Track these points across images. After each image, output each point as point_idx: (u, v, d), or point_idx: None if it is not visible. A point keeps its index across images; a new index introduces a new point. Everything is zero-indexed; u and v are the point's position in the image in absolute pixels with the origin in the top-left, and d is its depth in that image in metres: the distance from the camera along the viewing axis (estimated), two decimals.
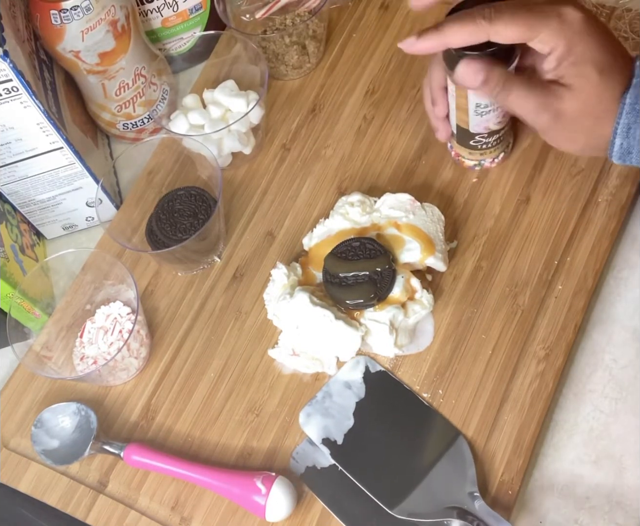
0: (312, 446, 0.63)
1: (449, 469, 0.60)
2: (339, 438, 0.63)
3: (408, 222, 0.68)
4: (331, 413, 0.64)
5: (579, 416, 0.63)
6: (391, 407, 0.64)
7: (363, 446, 0.62)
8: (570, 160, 0.72)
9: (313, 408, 0.65)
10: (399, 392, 0.65)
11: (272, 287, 0.70)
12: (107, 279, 0.72)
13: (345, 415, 0.64)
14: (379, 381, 0.65)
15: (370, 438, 0.63)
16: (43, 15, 0.71)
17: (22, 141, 0.70)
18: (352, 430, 0.63)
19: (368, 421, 0.63)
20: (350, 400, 0.64)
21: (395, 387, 0.65)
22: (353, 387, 0.65)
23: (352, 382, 0.65)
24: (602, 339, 0.65)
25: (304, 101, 0.82)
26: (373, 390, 0.65)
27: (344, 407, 0.64)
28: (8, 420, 0.70)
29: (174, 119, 0.78)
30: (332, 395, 0.65)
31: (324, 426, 0.63)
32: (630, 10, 0.76)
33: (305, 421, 0.64)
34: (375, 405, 0.64)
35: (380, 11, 0.85)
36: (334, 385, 0.66)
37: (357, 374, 0.66)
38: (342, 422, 0.63)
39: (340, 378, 0.66)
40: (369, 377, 0.65)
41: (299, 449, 0.64)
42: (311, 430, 0.64)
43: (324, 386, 0.66)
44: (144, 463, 0.64)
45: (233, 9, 0.83)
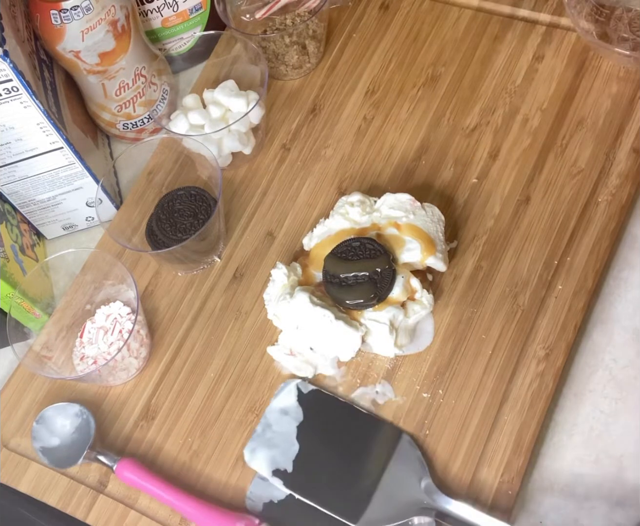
0: (264, 481, 0.62)
1: (400, 469, 0.60)
2: (288, 466, 0.62)
3: (408, 222, 0.68)
4: (275, 443, 0.63)
5: (579, 416, 0.63)
6: (332, 423, 0.64)
7: (314, 469, 0.62)
8: (570, 160, 0.72)
9: (256, 443, 0.64)
10: (335, 405, 0.65)
11: (272, 287, 0.70)
12: (107, 279, 0.72)
13: (289, 442, 0.63)
14: (314, 400, 0.65)
15: (319, 459, 0.62)
16: (43, 15, 0.71)
17: (22, 141, 0.70)
18: (300, 455, 0.62)
19: (312, 442, 0.63)
20: (290, 426, 0.64)
21: (331, 402, 0.65)
22: (290, 412, 0.64)
23: (288, 408, 0.65)
24: (602, 339, 0.65)
25: (304, 101, 0.82)
26: (310, 410, 0.64)
27: (286, 434, 0.63)
28: (8, 420, 0.70)
29: (174, 119, 0.78)
30: (272, 425, 0.64)
31: (270, 458, 0.63)
32: (630, 10, 0.76)
33: (250, 458, 0.63)
34: (315, 424, 0.64)
35: (380, 11, 0.85)
36: (271, 414, 0.65)
37: (291, 398, 0.65)
38: (288, 449, 0.63)
39: (275, 406, 0.65)
40: (303, 398, 0.65)
41: (252, 488, 0.63)
42: (259, 464, 0.63)
43: (261, 418, 0.65)
44: (135, 482, 0.64)
45: (233, 9, 0.83)
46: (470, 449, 0.62)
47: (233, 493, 0.64)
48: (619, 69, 0.76)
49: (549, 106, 0.75)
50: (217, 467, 0.65)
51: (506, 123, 0.76)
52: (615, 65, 0.76)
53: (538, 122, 0.75)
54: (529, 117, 0.75)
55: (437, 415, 0.63)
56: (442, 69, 0.80)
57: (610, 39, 0.75)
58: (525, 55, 0.79)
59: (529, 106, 0.76)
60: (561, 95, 0.76)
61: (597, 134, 0.73)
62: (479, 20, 0.82)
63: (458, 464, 0.61)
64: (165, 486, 0.63)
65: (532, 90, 0.77)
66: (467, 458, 0.61)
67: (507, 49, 0.80)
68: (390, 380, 0.66)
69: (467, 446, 0.62)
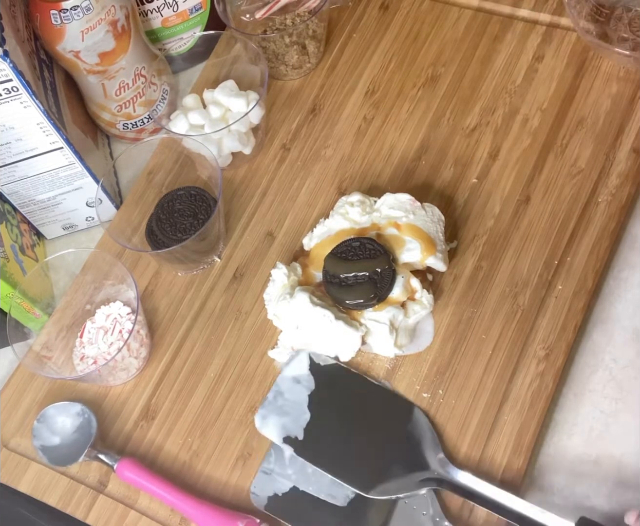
0: (267, 475, 0.62)
1: (412, 441, 0.61)
2: (299, 434, 0.62)
3: (408, 222, 0.68)
4: (286, 411, 0.64)
5: (579, 416, 0.63)
6: (344, 393, 0.64)
7: (325, 437, 0.62)
8: (570, 160, 0.72)
9: (267, 410, 0.64)
10: (348, 376, 0.65)
11: (272, 287, 0.70)
12: (107, 279, 0.72)
13: (300, 410, 0.63)
14: (326, 370, 0.65)
15: (330, 427, 0.63)
16: (43, 15, 0.71)
17: (22, 141, 0.70)
18: (311, 423, 0.63)
19: (324, 411, 0.63)
20: (302, 394, 0.64)
21: (343, 372, 0.65)
22: (302, 381, 0.65)
23: (300, 376, 0.65)
24: (602, 339, 0.65)
25: (304, 101, 0.82)
26: (322, 379, 0.65)
27: (298, 402, 0.64)
28: (8, 420, 0.70)
29: (174, 119, 0.78)
30: (284, 393, 0.65)
31: (281, 425, 0.63)
32: (630, 10, 0.76)
33: (261, 424, 0.64)
34: (327, 394, 0.64)
35: (380, 11, 0.85)
36: (283, 382, 0.65)
37: (304, 367, 0.65)
38: (299, 417, 0.63)
39: (287, 374, 0.66)
40: (315, 368, 0.65)
41: (256, 482, 0.63)
42: (270, 431, 0.63)
43: (273, 385, 0.65)
44: (135, 481, 0.64)
45: (233, 9, 0.83)
46: (470, 449, 0.62)
47: (233, 492, 0.64)
48: (619, 69, 0.76)
49: (549, 106, 0.75)
50: (217, 467, 0.65)
51: (506, 123, 0.76)
52: (615, 65, 0.76)
53: (538, 122, 0.75)
54: (529, 117, 0.75)
55: (437, 415, 0.63)
56: (442, 69, 0.80)
57: (610, 39, 0.75)
58: (525, 55, 0.79)
59: (529, 106, 0.76)
60: (561, 95, 0.76)
61: (597, 134, 0.73)
62: (479, 20, 0.82)
63: (458, 464, 0.61)
64: (165, 485, 0.63)
65: (532, 90, 0.77)
66: (468, 458, 0.61)
67: (507, 49, 0.80)
68: (390, 380, 0.66)
69: (467, 446, 0.62)
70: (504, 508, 0.57)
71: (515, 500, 0.57)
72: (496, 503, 0.57)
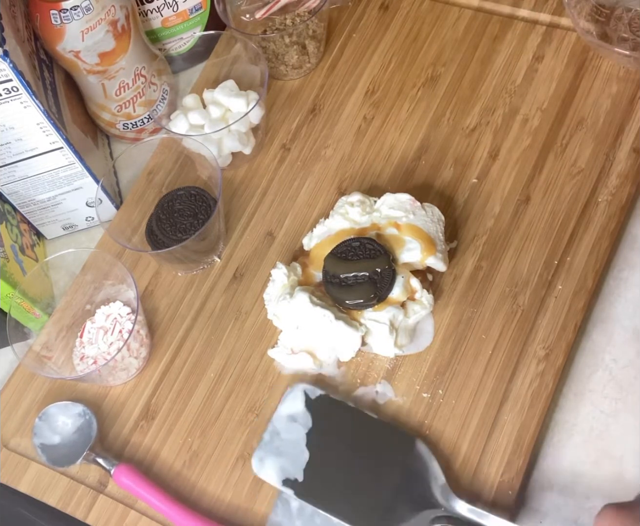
0: (283, 508, 0.60)
1: (416, 475, 0.58)
2: (299, 475, 0.60)
3: (408, 222, 0.68)
4: (284, 452, 0.61)
5: (579, 416, 0.63)
6: (342, 428, 0.62)
7: (325, 477, 0.60)
8: (570, 160, 0.72)
9: (264, 451, 0.62)
10: (344, 411, 0.62)
11: (272, 287, 0.70)
12: (107, 279, 0.72)
13: (298, 450, 0.61)
14: (322, 405, 0.63)
15: (330, 466, 0.60)
16: (43, 15, 0.71)
17: (22, 141, 0.70)
18: (310, 463, 0.60)
19: (323, 449, 0.61)
20: (299, 433, 0.62)
21: (340, 407, 0.63)
22: (298, 419, 0.62)
23: (296, 414, 0.62)
24: (602, 339, 0.65)
25: (304, 101, 0.82)
26: (318, 416, 0.62)
27: (295, 442, 0.61)
28: (8, 420, 0.70)
29: (174, 119, 0.78)
30: (280, 433, 0.62)
31: (280, 467, 0.60)
32: (630, 10, 0.76)
33: (259, 467, 0.61)
34: (325, 431, 0.62)
35: (380, 11, 0.85)
36: (278, 422, 0.63)
37: (299, 404, 0.63)
38: (298, 457, 0.60)
39: (282, 413, 0.63)
40: (311, 403, 0.63)
41: (271, 520, 0.60)
42: (268, 474, 0.61)
43: (268, 426, 0.63)
44: (131, 488, 0.63)
45: (233, 9, 0.83)
46: (470, 449, 0.62)
47: (233, 493, 0.64)
48: (619, 69, 0.76)
49: (549, 106, 0.75)
50: (217, 467, 0.65)
51: (506, 123, 0.76)
52: (615, 65, 0.76)
53: (538, 122, 0.75)
54: (529, 117, 0.75)
55: (437, 415, 0.63)
56: (442, 69, 0.80)
57: (610, 39, 0.75)
58: (525, 55, 0.79)
59: (529, 106, 0.76)
60: (561, 95, 0.76)
61: (597, 134, 0.73)
62: (479, 20, 0.82)
63: (458, 464, 0.61)
64: (160, 496, 0.62)
65: (532, 90, 0.77)
66: (467, 458, 0.61)
67: (507, 49, 0.80)
68: (390, 380, 0.66)
69: (467, 446, 0.62)
70: None
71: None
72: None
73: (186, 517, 0.61)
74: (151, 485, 0.63)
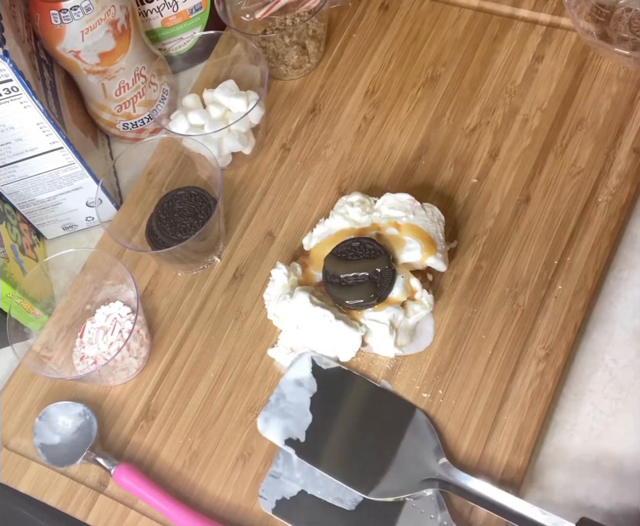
0: (276, 479, 0.63)
1: (414, 443, 0.61)
2: (301, 436, 0.63)
3: (408, 222, 0.68)
4: (288, 413, 0.64)
5: (579, 416, 0.63)
6: (345, 395, 0.64)
7: (326, 439, 0.63)
8: (570, 160, 0.72)
9: (269, 412, 0.64)
10: (349, 378, 0.65)
11: (272, 287, 0.70)
12: (107, 279, 0.72)
13: (302, 412, 0.64)
14: (328, 372, 0.66)
15: (331, 430, 0.63)
16: (43, 15, 0.71)
17: (22, 141, 0.70)
18: (312, 425, 0.63)
19: (325, 413, 0.64)
20: (304, 397, 0.64)
21: (345, 374, 0.65)
22: (304, 383, 0.65)
23: (302, 379, 0.65)
24: (602, 339, 0.65)
25: (304, 101, 0.82)
26: (324, 382, 0.65)
27: (300, 405, 0.64)
28: (8, 420, 0.70)
29: (174, 119, 0.78)
30: (286, 395, 0.65)
31: (283, 427, 0.63)
32: (630, 10, 0.76)
33: (264, 427, 0.64)
34: (329, 396, 0.65)
35: (380, 11, 0.85)
36: (285, 385, 0.66)
37: (306, 370, 0.66)
38: (301, 420, 0.63)
39: (289, 377, 0.66)
40: (318, 370, 0.66)
41: (264, 486, 0.63)
42: (272, 433, 0.63)
43: (275, 389, 0.66)
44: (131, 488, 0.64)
45: (233, 9, 0.83)
46: (470, 449, 0.62)
47: (233, 493, 0.64)
48: (619, 69, 0.76)
49: (549, 106, 0.75)
50: (217, 467, 0.65)
51: (506, 123, 0.76)
52: (615, 65, 0.76)
53: (538, 122, 0.75)
54: (529, 117, 0.75)
55: (437, 415, 0.63)
56: (442, 69, 0.80)
57: (610, 39, 0.75)
58: (525, 55, 0.79)
59: (529, 106, 0.76)
60: (561, 95, 0.76)
61: (597, 134, 0.73)
62: (479, 20, 0.82)
63: (458, 464, 0.61)
64: (160, 496, 0.63)
65: (532, 90, 0.77)
66: (468, 458, 0.61)
67: (507, 49, 0.80)
68: (390, 380, 0.66)
69: (467, 446, 0.62)
70: (504, 509, 0.57)
71: (516, 501, 0.57)
72: (497, 505, 0.57)
73: (186, 517, 0.62)
74: (151, 485, 0.63)
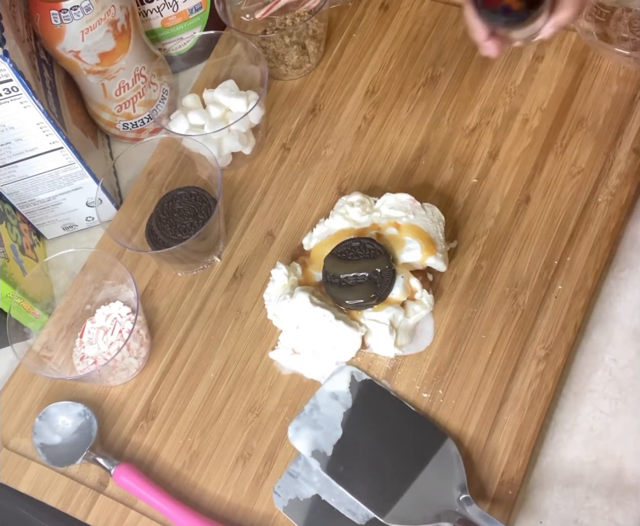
0: (293, 477, 0.63)
1: (438, 472, 0.60)
2: (328, 450, 0.62)
3: (408, 222, 0.68)
4: (319, 425, 0.64)
5: (579, 416, 0.63)
6: (378, 415, 0.64)
7: (352, 456, 0.62)
8: (570, 160, 0.72)
9: (301, 422, 0.64)
10: (385, 398, 0.64)
11: (272, 287, 0.70)
12: (107, 279, 0.72)
13: (333, 426, 0.63)
14: (365, 390, 0.65)
15: (359, 448, 0.63)
16: (43, 15, 0.71)
17: (22, 141, 0.70)
18: (341, 441, 0.63)
19: (356, 430, 0.63)
20: (337, 411, 0.64)
21: (381, 394, 0.65)
22: (340, 398, 0.65)
23: (339, 393, 0.65)
24: (602, 339, 0.65)
25: (304, 101, 0.82)
26: (359, 399, 0.65)
27: (332, 418, 0.64)
28: (8, 420, 0.70)
29: (174, 119, 0.78)
30: (320, 407, 0.65)
31: (313, 438, 0.63)
32: (630, 10, 0.76)
33: (294, 436, 0.64)
34: (362, 414, 0.64)
35: (380, 11, 0.85)
36: (321, 396, 0.65)
37: (343, 384, 0.65)
38: (331, 433, 0.63)
39: (326, 389, 0.65)
40: (355, 386, 0.65)
41: (280, 483, 0.63)
42: (301, 443, 0.63)
43: (310, 399, 0.65)
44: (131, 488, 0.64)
45: (233, 9, 0.83)
46: (470, 449, 0.62)
47: (233, 493, 0.64)
48: (619, 69, 0.76)
49: (549, 106, 0.75)
50: (217, 467, 0.65)
51: (506, 123, 0.76)
52: (615, 65, 0.76)
53: (538, 122, 0.75)
54: (529, 117, 0.75)
55: (437, 415, 0.63)
56: (442, 69, 0.80)
57: (610, 39, 0.75)
58: (525, 55, 0.79)
59: (529, 106, 0.76)
60: (561, 95, 0.76)
61: (597, 134, 0.73)
62: None
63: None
64: (160, 496, 0.63)
65: (532, 90, 0.77)
66: (468, 458, 0.61)
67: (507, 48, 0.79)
68: (390, 380, 0.66)
69: (467, 446, 0.62)
70: None
71: None
72: None
73: (186, 517, 0.62)
74: (151, 484, 0.63)
